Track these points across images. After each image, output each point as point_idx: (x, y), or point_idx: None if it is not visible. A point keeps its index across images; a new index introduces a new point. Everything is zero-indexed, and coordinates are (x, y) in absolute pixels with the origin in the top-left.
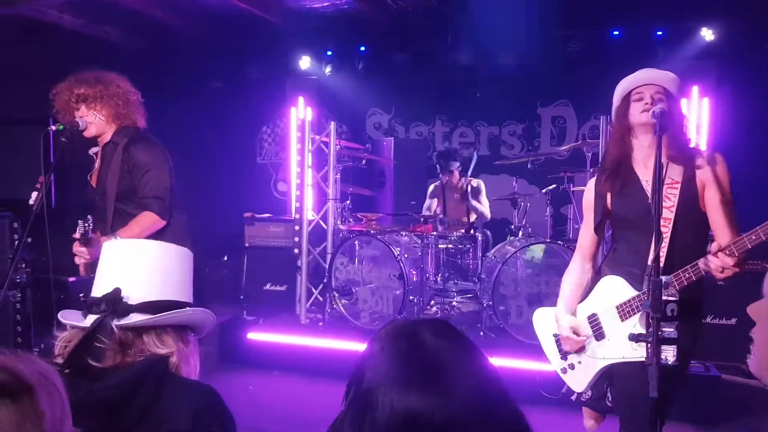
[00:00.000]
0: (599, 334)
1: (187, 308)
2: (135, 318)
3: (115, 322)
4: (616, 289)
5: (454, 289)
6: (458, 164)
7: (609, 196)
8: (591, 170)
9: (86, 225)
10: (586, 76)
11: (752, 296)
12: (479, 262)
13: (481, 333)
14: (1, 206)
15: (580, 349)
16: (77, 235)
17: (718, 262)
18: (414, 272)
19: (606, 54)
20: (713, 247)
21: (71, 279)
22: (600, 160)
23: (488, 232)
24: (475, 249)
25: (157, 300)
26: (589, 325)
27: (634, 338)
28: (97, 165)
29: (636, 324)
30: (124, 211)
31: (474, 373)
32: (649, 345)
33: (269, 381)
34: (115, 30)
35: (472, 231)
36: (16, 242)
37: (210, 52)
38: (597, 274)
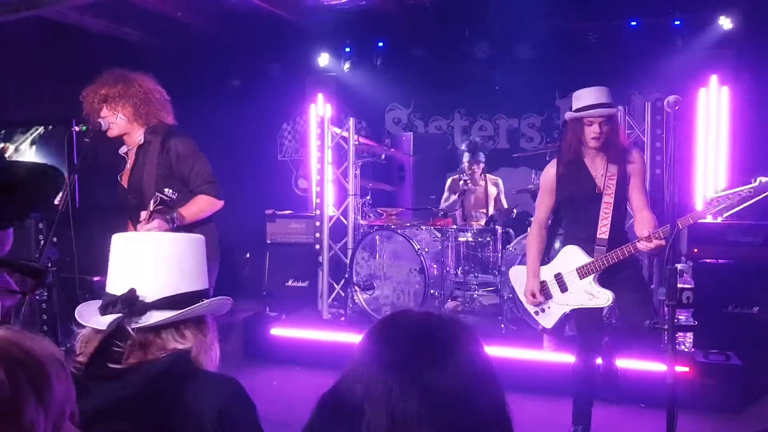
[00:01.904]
0: (563, 288)
1: (205, 301)
2: (154, 317)
3: (134, 325)
4: (574, 255)
5: (475, 282)
6: (484, 158)
7: (563, 183)
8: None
9: (167, 195)
10: (604, 67)
11: None
12: (499, 255)
13: (502, 325)
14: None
15: (548, 298)
16: (152, 208)
17: (652, 245)
18: (434, 266)
19: (624, 44)
20: (645, 233)
21: (96, 278)
22: (559, 152)
23: (511, 231)
24: (495, 242)
25: (174, 294)
26: (549, 285)
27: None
28: (129, 165)
29: (591, 281)
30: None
31: (461, 353)
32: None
33: (292, 376)
34: (136, 30)
35: (491, 224)
36: (42, 242)
37: (230, 51)
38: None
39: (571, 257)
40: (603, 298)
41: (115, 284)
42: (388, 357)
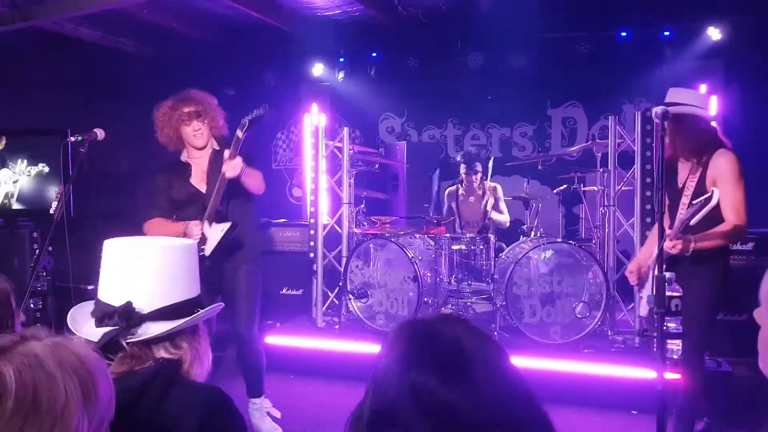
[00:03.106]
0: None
1: (200, 312)
2: (151, 330)
3: (129, 339)
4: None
5: (468, 290)
6: (481, 167)
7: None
8: (601, 170)
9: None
10: (595, 77)
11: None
12: (492, 263)
13: (495, 333)
14: (21, 216)
15: (642, 287)
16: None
17: (670, 245)
18: (428, 274)
19: (615, 55)
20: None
21: (91, 287)
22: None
23: (503, 245)
24: (488, 250)
25: (169, 304)
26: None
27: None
28: (205, 169)
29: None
30: (235, 203)
31: (494, 364)
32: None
33: (287, 384)
34: (130, 41)
35: (484, 232)
36: (37, 251)
37: (224, 61)
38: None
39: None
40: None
41: (109, 293)
42: (412, 358)
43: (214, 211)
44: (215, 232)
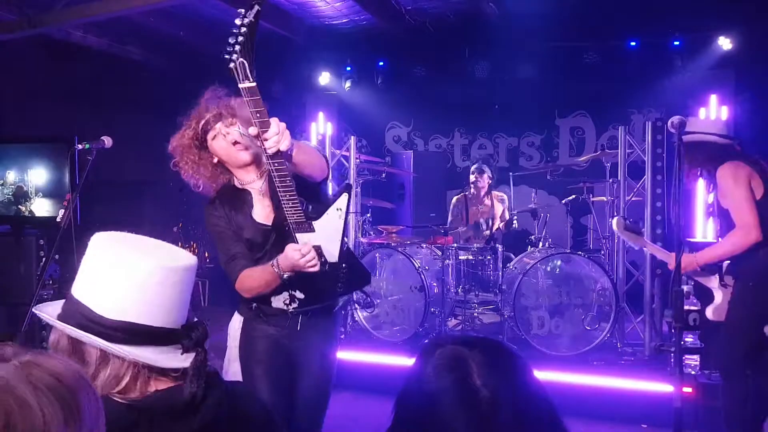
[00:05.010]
0: None
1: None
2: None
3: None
4: None
5: (476, 301)
6: (493, 174)
7: None
8: (610, 180)
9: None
10: (604, 87)
11: None
12: (500, 273)
13: None
14: (27, 224)
15: None
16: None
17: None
18: (435, 284)
19: (623, 64)
20: None
21: None
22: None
23: (512, 255)
24: (495, 260)
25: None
26: None
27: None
28: (266, 191)
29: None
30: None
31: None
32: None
33: None
34: (138, 49)
35: (492, 242)
36: (43, 259)
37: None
38: None
39: None
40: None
41: (165, 317)
42: (443, 365)
43: (298, 214)
44: (325, 228)
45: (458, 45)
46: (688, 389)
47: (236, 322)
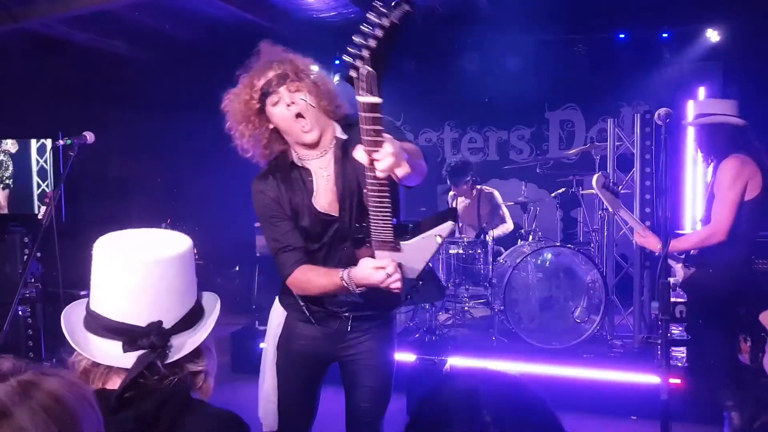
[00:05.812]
0: None
1: (214, 311)
2: (184, 345)
3: (167, 360)
4: None
5: (466, 295)
6: (468, 178)
7: None
8: (600, 173)
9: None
10: (593, 80)
11: None
12: (490, 267)
13: (494, 338)
14: (12, 221)
15: None
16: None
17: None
18: None
19: (612, 57)
20: None
21: (83, 292)
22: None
23: (501, 249)
24: (485, 254)
25: (187, 312)
26: None
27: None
28: (332, 174)
29: None
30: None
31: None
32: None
33: None
34: (123, 43)
35: (482, 236)
36: (26, 257)
37: (218, 64)
38: None
39: None
40: None
41: (115, 308)
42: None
43: (386, 234)
44: (414, 251)
45: (448, 38)
46: (675, 381)
47: (278, 315)
